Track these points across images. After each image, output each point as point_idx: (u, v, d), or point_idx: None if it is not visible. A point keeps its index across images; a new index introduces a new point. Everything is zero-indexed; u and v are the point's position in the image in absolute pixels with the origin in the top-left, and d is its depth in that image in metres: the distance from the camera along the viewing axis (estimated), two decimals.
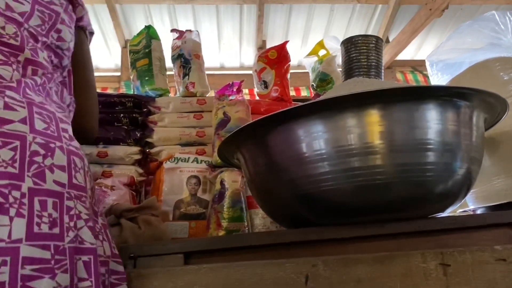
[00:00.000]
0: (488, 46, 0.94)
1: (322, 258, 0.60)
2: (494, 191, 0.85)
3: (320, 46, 1.30)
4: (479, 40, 0.93)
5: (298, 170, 0.65)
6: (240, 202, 1.02)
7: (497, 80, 0.82)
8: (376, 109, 0.62)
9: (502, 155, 0.84)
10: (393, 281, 0.59)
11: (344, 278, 0.59)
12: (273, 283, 0.60)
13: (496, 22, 0.89)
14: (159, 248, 0.64)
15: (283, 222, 0.78)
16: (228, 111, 1.08)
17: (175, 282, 0.58)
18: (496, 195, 0.85)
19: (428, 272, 0.59)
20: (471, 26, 0.93)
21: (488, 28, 0.92)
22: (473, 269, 0.59)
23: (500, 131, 0.81)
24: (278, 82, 1.21)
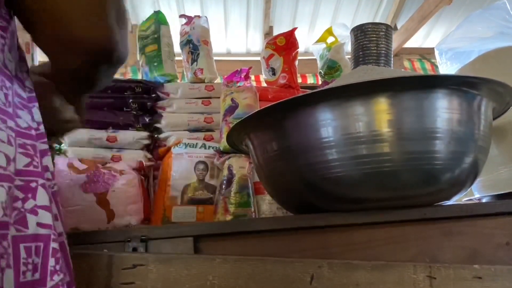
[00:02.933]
0: (498, 35, 0.93)
1: (327, 261, 0.63)
2: (500, 180, 0.86)
3: (328, 33, 1.30)
4: (489, 29, 0.93)
5: (307, 157, 0.66)
6: (247, 188, 1.03)
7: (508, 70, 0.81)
8: (385, 97, 0.62)
9: (509, 144, 0.84)
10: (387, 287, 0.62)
11: (345, 281, 0.62)
12: (281, 280, 0.62)
13: (507, 11, 0.88)
14: (170, 231, 0.65)
15: (291, 208, 0.79)
16: (236, 98, 1.09)
17: (189, 269, 0.60)
18: (502, 184, 0.85)
19: (417, 283, 0.63)
20: (481, 14, 0.92)
21: (499, 17, 0.91)
22: (454, 284, 0.63)
23: (508, 120, 0.81)
24: (286, 69, 1.21)
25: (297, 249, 0.69)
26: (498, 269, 0.66)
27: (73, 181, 0.99)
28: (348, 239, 0.70)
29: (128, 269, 0.60)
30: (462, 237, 0.71)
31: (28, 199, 0.44)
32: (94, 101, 1.12)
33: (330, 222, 0.69)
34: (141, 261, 0.60)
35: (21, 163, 0.44)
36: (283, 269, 0.63)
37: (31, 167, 0.45)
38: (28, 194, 0.44)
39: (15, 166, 0.43)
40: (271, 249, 0.69)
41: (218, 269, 0.61)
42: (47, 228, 0.45)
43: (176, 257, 0.61)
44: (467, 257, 0.70)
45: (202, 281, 0.60)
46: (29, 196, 0.44)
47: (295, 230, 0.70)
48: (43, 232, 0.44)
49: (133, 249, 0.63)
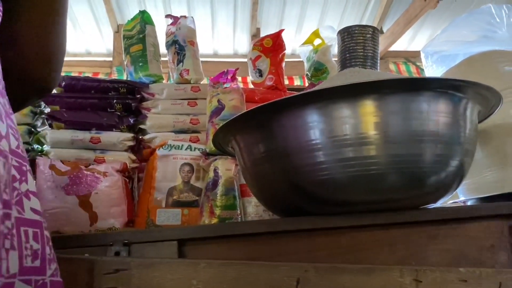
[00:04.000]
0: (482, 39, 0.94)
1: (314, 265, 0.62)
2: (485, 183, 0.86)
3: (315, 35, 1.29)
4: (474, 32, 0.93)
5: (293, 159, 0.65)
6: (233, 190, 1.02)
7: (492, 73, 0.82)
8: (372, 99, 0.62)
9: (494, 148, 0.85)
10: None
11: (331, 285, 0.62)
12: (267, 284, 0.61)
13: (491, 15, 0.89)
14: (153, 235, 0.64)
15: (277, 211, 0.78)
16: (222, 99, 1.08)
17: (173, 274, 0.59)
18: (487, 187, 0.86)
19: (403, 286, 0.63)
20: (466, 18, 0.93)
21: (483, 21, 0.92)
22: (440, 287, 0.63)
23: (493, 124, 0.82)
24: (273, 71, 1.21)
25: (283, 253, 0.68)
26: (483, 272, 0.66)
27: (55, 183, 0.97)
28: (334, 242, 0.69)
29: (110, 274, 0.58)
30: (448, 240, 0.71)
31: (22, 181, 0.43)
32: (77, 101, 1.10)
33: (316, 225, 0.69)
34: (124, 266, 0.59)
35: (13, 143, 0.43)
36: (268, 273, 0.62)
37: (19, 150, 0.44)
38: (23, 176, 0.43)
39: (9, 145, 0.42)
40: (257, 253, 0.68)
41: (203, 274, 0.60)
42: (38, 215, 0.44)
43: (159, 262, 0.60)
44: (453, 260, 0.70)
45: (186, 286, 0.59)
46: (23, 179, 0.43)
47: (281, 234, 0.69)
48: (36, 218, 0.43)
49: (115, 253, 0.62)
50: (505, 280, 0.66)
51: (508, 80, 0.81)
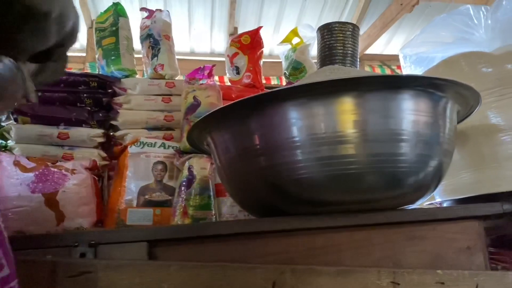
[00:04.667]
0: (460, 40, 0.94)
1: (290, 267, 0.60)
2: (461, 184, 0.86)
3: (294, 34, 1.28)
4: (452, 34, 0.93)
5: (271, 157, 0.63)
6: (208, 190, 0.99)
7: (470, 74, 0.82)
8: (351, 97, 0.60)
9: (471, 149, 0.85)
10: None
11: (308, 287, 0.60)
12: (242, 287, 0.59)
13: (470, 17, 0.89)
14: (122, 236, 0.61)
15: (253, 211, 0.76)
16: (198, 96, 1.05)
17: (143, 277, 0.55)
18: (463, 188, 0.86)
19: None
20: (445, 19, 0.93)
21: (461, 22, 0.92)
22: None
23: (470, 125, 0.82)
24: (251, 68, 1.18)
25: (258, 254, 0.66)
26: (460, 274, 0.65)
27: (20, 180, 0.92)
28: (311, 243, 0.67)
29: (74, 276, 0.55)
30: (425, 242, 0.70)
31: None
32: (45, 95, 1.05)
33: (294, 226, 0.66)
34: (89, 268, 0.55)
35: None
36: (244, 275, 0.59)
37: None
38: None
39: None
40: (232, 255, 0.65)
41: (174, 277, 0.57)
42: None
43: (128, 264, 0.57)
44: (430, 261, 0.69)
45: None
46: None
47: (256, 234, 0.67)
48: None
49: (80, 254, 0.58)
50: (482, 282, 0.66)
51: (486, 81, 0.81)
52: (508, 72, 0.80)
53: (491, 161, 0.81)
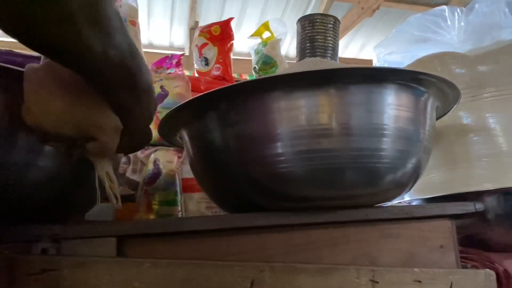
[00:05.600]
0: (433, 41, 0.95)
1: (269, 265, 0.58)
2: (431, 183, 0.87)
3: (265, 28, 1.25)
4: (425, 34, 0.94)
5: (248, 150, 0.60)
6: (174, 185, 0.95)
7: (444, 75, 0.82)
8: (333, 89, 0.59)
9: (442, 148, 0.86)
10: None
11: (287, 286, 0.58)
12: (219, 286, 0.56)
13: (444, 18, 0.90)
14: (89, 230, 0.55)
15: (227, 207, 0.73)
16: (166, 85, 1.00)
17: (112, 275, 0.51)
18: (433, 187, 0.86)
19: (360, 287, 0.61)
20: (419, 19, 0.94)
21: (435, 24, 0.93)
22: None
23: (444, 124, 0.82)
24: (221, 60, 1.14)
25: (234, 252, 0.62)
26: (436, 272, 0.66)
27: None
28: (288, 240, 0.65)
29: (35, 274, 0.49)
30: (400, 240, 0.70)
31: None
32: None
33: (271, 222, 0.64)
34: (52, 265, 0.50)
35: None
36: (221, 274, 0.56)
37: None
38: None
39: None
40: (206, 252, 0.62)
41: (147, 275, 0.53)
42: None
43: (96, 261, 0.52)
44: (404, 260, 0.69)
45: None
46: None
47: (232, 231, 0.63)
48: None
49: (42, 250, 0.52)
50: (456, 280, 0.66)
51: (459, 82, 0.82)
52: (481, 74, 0.82)
53: (462, 161, 0.82)
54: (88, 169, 0.56)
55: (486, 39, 0.88)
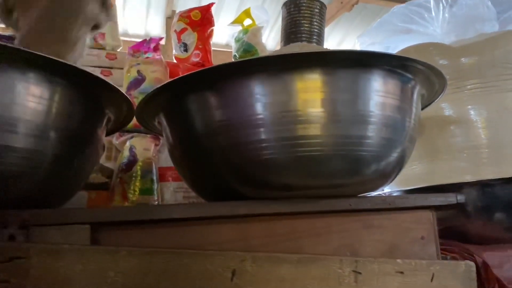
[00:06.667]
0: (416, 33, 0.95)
1: (251, 254, 0.56)
2: (412, 175, 0.87)
3: (246, 15, 1.22)
4: (409, 25, 0.94)
5: (230, 136, 0.58)
6: (151, 173, 0.91)
7: None
8: (318, 73, 0.57)
9: (424, 140, 0.85)
10: (312, 283, 0.58)
11: (269, 276, 0.56)
12: (199, 276, 0.53)
13: (428, 9, 0.90)
14: (61, 217, 0.52)
15: (207, 195, 0.70)
16: (143, 70, 0.96)
17: (85, 264, 0.47)
18: (414, 179, 0.86)
19: (342, 278, 0.60)
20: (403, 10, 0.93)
21: (418, 15, 0.93)
22: (377, 279, 0.62)
23: (426, 115, 0.82)
24: (200, 46, 1.11)
25: (215, 241, 0.60)
26: (418, 264, 0.65)
27: None
28: (270, 230, 0.63)
29: (2, 262, 0.45)
30: (382, 231, 0.69)
31: None
32: None
33: (254, 211, 0.62)
34: (20, 253, 0.46)
35: None
36: (201, 263, 0.53)
37: None
38: None
39: None
40: (185, 241, 0.59)
41: (122, 264, 0.50)
42: None
43: (67, 249, 0.48)
44: (386, 250, 0.68)
45: (101, 278, 0.48)
46: None
47: (212, 219, 0.61)
48: None
49: (9, 237, 0.48)
50: (437, 271, 0.66)
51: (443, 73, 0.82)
52: (464, 65, 0.82)
53: (443, 152, 0.82)
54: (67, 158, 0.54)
55: (469, 31, 0.88)
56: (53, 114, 0.52)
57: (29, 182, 0.52)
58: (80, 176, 0.61)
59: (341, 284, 0.60)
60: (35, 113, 0.50)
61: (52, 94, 0.52)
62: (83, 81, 0.55)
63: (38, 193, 0.53)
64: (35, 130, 0.50)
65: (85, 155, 0.59)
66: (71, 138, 0.55)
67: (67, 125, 0.54)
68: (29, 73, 0.49)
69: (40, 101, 0.51)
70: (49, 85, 0.51)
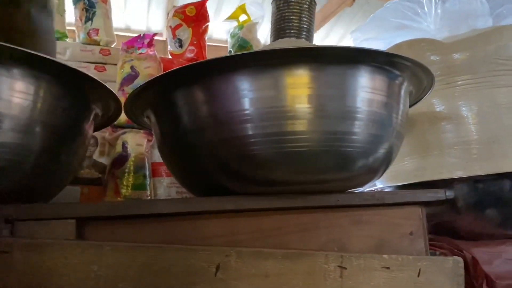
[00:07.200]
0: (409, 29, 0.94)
1: (236, 249, 0.56)
2: (404, 171, 0.86)
3: (241, 11, 1.22)
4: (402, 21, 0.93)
5: (217, 132, 0.58)
6: (143, 169, 0.92)
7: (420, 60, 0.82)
8: (305, 69, 0.57)
9: (415, 135, 0.85)
10: (297, 278, 0.58)
11: (253, 271, 0.56)
12: (182, 271, 0.53)
13: (421, 5, 0.89)
14: (45, 212, 0.52)
15: (196, 190, 0.70)
16: (136, 66, 0.96)
17: (68, 258, 0.48)
18: (405, 175, 0.86)
19: (327, 273, 0.60)
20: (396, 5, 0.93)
21: (411, 11, 0.92)
22: (363, 274, 0.61)
23: (417, 111, 0.82)
24: (195, 42, 1.11)
25: (202, 236, 0.61)
26: (405, 259, 0.65)
27: None
28: (257, 225, 0.63)
29: None
30: (370, 226, 0.69)
31: None
32: None
33: (241, 206, 0.62)
34: (4, 248, 0.47)
35: None
36: (185, 258, 0.54)
37: None
38: None
39: None
40: (172, 236, 0.59)
41: (106, 258, 0.50)
42: None
43: (51, 243, 0.49)
44: (374, 246, 0.68)
45: (85, 272, 0.49)
46: None
47: (199, 215, 0.61)
48: None
49: None
50: (424, 267, 0.66)
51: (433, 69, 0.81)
52: (455, 61, 0.81)
53: (434, 148, 0.82)
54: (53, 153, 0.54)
55: (462, 27, 0.87)
56: (38, 109, 0.52)
57: (14, 176, 0.52)
58: (67, 170, 0.61)
59: (326, 279, 0.60)
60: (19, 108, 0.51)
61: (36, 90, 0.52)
62: (67, 76, 0.55)
63: (23, 187, 0.54)
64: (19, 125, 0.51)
65: (71, 150, 0.60)
66: (56, 133, 0.56)
67: (52, 120, 0.54)
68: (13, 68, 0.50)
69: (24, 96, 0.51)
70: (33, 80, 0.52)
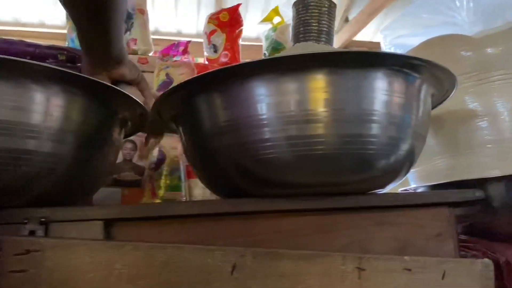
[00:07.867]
0: (441, 23, 0.91)
1: (251, 249, 0.58)
2: (436, 170, 0.84)
3: (275, 13, 1.24)
4: (434, 16, 0.91)
5: (236, 136, 0.60)
6: (178, 171, 0.96)
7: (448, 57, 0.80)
8: (323, 74, 0.57)
9: (446, 134, 0.83)
10: (313, 279, 0.58)
11: (269, 271, 0.58)
12: (199, 269, 0.56)
13: None
14: (76, 214, 0.58)
15: (220, 192, 0.73)
16: (171, 73, 1.01)
17: (93, 257, 0.52)
18: (437, 174, 0.84)
19: (345, 274, 0.60)
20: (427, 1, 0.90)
21: (443, 5, 0.89)
22: (383, 276, 0.60)
23: (446, 110, 0.79)
24: (229, 47, 1.14)
25: (222, 236, 0.63)
26: (428, 261, 0.64)
27: None
28: (276, 226, 0.65)
29: (20, 255, 0.51)
30: (394, 228, 0.68)
31: None
32: None
33: (259, 208, 0.64)
34: (36, 246, 0.52)
35: None
36: (202, 257, 0.57)
37: None
38: None
39: None
40: (194, 236, 0.63)
41: (128, 257, 0.54)
42: None
43: (78, 243, 0.54)
44: (399, 248, 0.68)
45: (108, 270, 0.53)
46: None
47: (220, 216, 0.64)
48: None
49: (30, 232, 0.55)
50: (449, 269, 0.64)
51: (465, 65, 0.79)
52: (488, 56, 0.78)
53: (465, 147, 0.79)
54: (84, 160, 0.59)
55: (497, 20, 0.84)
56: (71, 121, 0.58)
57: (49, 182, 0.57)
58: (98, 175, 0.67)
59: (344, 280, 0.60)
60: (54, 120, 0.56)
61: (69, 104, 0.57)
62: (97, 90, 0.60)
63: (57, 192, 0.59)
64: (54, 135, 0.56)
65: (101, 156, 0.64)
66: (87, 142, 0.61)
67: (82, 130, 0.59)
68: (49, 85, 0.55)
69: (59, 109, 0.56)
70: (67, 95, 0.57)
